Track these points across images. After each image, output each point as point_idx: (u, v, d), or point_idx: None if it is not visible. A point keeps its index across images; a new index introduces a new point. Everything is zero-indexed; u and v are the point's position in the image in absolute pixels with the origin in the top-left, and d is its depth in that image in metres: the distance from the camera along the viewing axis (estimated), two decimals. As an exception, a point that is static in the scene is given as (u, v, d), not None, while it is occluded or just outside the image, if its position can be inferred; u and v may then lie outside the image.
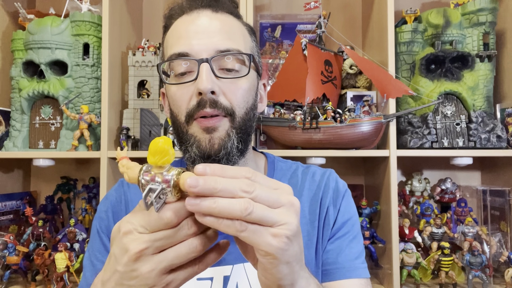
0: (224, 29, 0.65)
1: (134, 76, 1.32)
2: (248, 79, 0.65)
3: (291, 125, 1.23)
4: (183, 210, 0.37)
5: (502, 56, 1.35)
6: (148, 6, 1.61)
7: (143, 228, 0.38)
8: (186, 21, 0.66)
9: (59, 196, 1.49)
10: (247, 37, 0.69)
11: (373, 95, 1.33)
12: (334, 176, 0.76)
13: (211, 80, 0.60)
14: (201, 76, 0.60)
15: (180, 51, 0.63)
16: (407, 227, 1.27)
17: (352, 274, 0.66)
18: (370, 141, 1.22)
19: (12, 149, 1.27)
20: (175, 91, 0.64)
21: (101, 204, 0.75)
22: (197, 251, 0.39)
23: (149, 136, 1.27)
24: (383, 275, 1.27)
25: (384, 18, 1.26)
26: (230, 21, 0.67)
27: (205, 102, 0.60)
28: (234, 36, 0.66)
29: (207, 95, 0.60)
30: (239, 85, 0.64)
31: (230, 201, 0.35)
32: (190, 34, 0.64)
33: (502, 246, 1.28)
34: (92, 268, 0.69)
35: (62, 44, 1.27)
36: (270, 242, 0.36)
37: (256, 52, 0.72)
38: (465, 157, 1.25)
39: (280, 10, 1.60)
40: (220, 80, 0.62)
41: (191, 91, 0.62)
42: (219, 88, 0.61)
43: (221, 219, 0.35)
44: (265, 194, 0.37)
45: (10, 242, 1.22)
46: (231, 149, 0.62)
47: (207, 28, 0.64)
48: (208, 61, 0.61)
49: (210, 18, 0.65)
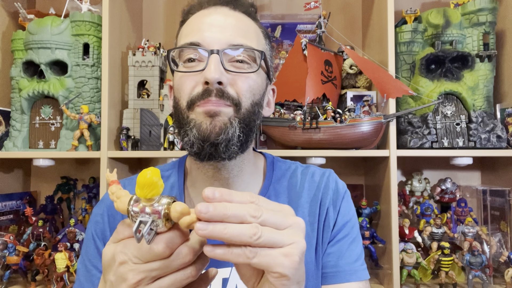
0: (239, 26, 0.65)
1: (134, 76, 1.32)
2: (257, 75, 0.65)
3: (291, 125, 1.23)
4: (176, 240, 0.38)
5: (502, 56, 1.35)
6: (148, 6, 1.61)
7: (137, 259, 0.38)
8: (203, 15, 0.66)
9: (59, 196, 1.49)
10: (261, 39, 0.69)
11: (373, 95, 1.33)
12: (333, 176, 0.75)
13: (219, 70, 0.59)
14: (210, 66, 0.59)
15: (191, 41, 0.62)
16: (407, 227, 1.27)
17: (352, 277, 0.66)
18: (370, 141, 1.22)
19: (12, 149, 1.27)
20: (181, 78, 0.64)
21: (97, 207, 0.73)
22: (192, 276, 0.40)
23: (149, 136, 1.27)
24: (383, 275, 1.27)
25: (384, 18, 1.26)
26: (245, 20, 0.67)
27: (211, 91, 0.59)
28: (247, 34, 0.65)
29: (214, 85, 0.59)
30: (247, 78, 0.63)
31: (240, 227, 0.35)
32: (204, 26, 0.64)
33: (502, 246, 1.28)
34: (87, 273, 0.68)
35: (62, 44, 1.27)
36: (283, 263, 0.36)
37: (269, 56, 0.71)
38: (465, 157, 1.25)
39: (280, 10, 1.60)
40: (228, 73, 0.61)
41: (197, 79, 0.61)
42: (227, 80, 0.60)
43: (231, 249, 0.36)
44: (271, 217, 0.37)
45: (10, 242, 1.22)
46: (232, 136, 0.60)
47: (221, 23, 0.64)
48: (218, 53, 0.60)
49: (226, 15, 0.65)
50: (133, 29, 1.49)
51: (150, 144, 1.27)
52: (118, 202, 0.39)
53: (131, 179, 0.77)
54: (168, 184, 0.73)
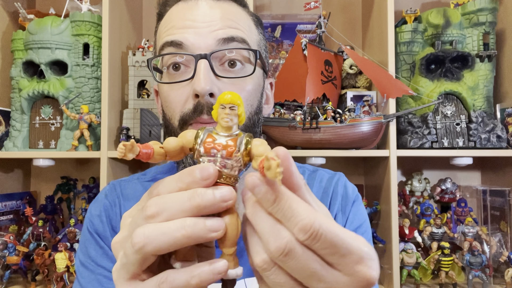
0: (227, 16, 0.57)
1: (134, 76, 1.32)
2: (253, 78, 0.58)
3: (291, 125, 1.23)
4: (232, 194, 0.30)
5: (502, 56, 1.35)
6: (148, 6, 1.61)
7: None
8: (183, 9, 0.58)
9: (59, 196, 1.49)
10: (253, 29, 0.62)
11: (373, 95, 1.33)
12: (342, 181, 0.72)
13: (210, 80, 0.52)
14: (198, 75, 0.52)
15: (172, 39, 0.55)
16: (407, 227, 1.27)
17: None
18: (370, 141, 1.22)
19: (12, 149, 1.27)
20: (168, 91, 0.57)
21: (93, 207, 0.69)
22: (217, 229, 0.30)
23: (149, 136, 1.27)
24: (383, 275, 1.27)
25: (384, 18, 1.26)
26: (233, 9, 0.60)
27: (202, 107, 0.53)
28: (238, 25, 0.57)
29: (205, 97, 0.53)
30: (242, 86, 0.57)
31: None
32: (186, 22, 0.56)
33: (502, 246, 1.28)
34: (91, 275, 0.63)
35: (62, 44, 1.27)
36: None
37: (264, 46, 0.65)
38: (465, 157, 1.25)
39: (280, 10, 1.60)
40: (220, 79, 0.55)
41: (186, 92, 0.55)
42: (219, 90, 0.53)
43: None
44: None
45: (10, 242, 1.22)
46: None
47: (206, 17, 0.56)
48: (207, 57, 0.53)
49: (211, 6, 0.57)
50: (133, 29, 1.49)
51: (150, 144, 1.27)
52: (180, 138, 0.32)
53: (125, 181, 0.73)
54: None
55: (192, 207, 0.29)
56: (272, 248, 0.27)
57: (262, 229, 0.29)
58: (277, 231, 0.28)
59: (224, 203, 0.29)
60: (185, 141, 0.32)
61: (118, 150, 0.30)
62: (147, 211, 0.30)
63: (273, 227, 0.28)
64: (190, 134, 0.32)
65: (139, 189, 0.71)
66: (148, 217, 0.30)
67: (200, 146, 0.31)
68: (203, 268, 0.29)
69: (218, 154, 0.30)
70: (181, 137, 0.32)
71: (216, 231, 0.29)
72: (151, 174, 0.74)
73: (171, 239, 0.28)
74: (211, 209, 0.29)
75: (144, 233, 0.29)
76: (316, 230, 0.27)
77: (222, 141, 0.30)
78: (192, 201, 0.29)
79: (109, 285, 0.63)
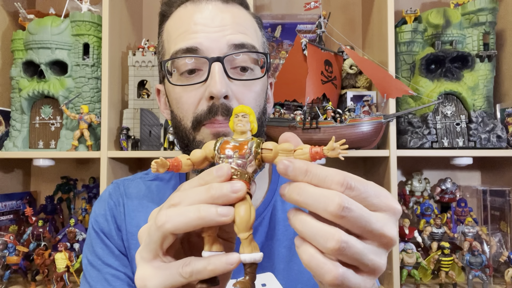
0: (237, 21, 0.59)
1: (134, 76, 1.32)
2: (261, 79, 0.61)
3: (291, 125, 1.23)
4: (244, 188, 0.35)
5: (502, 56, 1.35)
6: (148, 6, 1.61)
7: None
8: (193, 11, 0.59)
9: (59, 196, 1.49)
10: (258, 32, 0.64)
11: (373, 95, 1.33)
12: None
13: (225, 82, 0.54)
14: (214, 78, 0.54)
15: (188, 46, 0.56)
16: (407, 227, 1.27)
17: None
18: (370, 141, 1.22)
19: (12, 149, 1.27)
20: (180, 92, 0.58)
21: (98, 207, 0.70)
22: (224, 216, 0.34)
23: (149, 136, 1.27)
24: (383, 275, 1.27)
25: (384, 18, 1.26)
26: (241, 13, 0.61)
27: (217, 109, 0.55)
28: (247, 30, 0.60)
29: (220, 100, 0.54)
30: (252, 88, 0.59)
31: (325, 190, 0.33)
32: (198, 27, 0.57)
33: (502, 246, 1.28)
34: (98, 274, 0.64)
35: (62, 44, 1.27)
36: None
37: (267, 47, 0.67)
38: (465, 157, 1.25)
39: (280, 10, 1.60)
40: (232, 82, 0.57)
41: (200, 94, 0.57)
42: (232, 92, 0.56)
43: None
44: (364, 188, 0.36)
45: (10, 242, 1.22)
46: None
47: (218, 21, 0.57)
48: (220, 60, 0.55)
49: (221, 10, 0.59)
50: (133, 29, 1.49)
51: (150, 144, 1.27)
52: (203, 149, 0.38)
53: (128, 180, 0.74)
54: (169, 187, 0.71)
55: (207, 197, 0.34)
56: (331, 208, 0.31)
57: (312, 202, 0.32)
58: (325, 197, 0.32)
59: (235, 194, 0.33)
60: (207, 150, 0.38)
61: (151, 166, 0.36)
62: (171, 200, 0.36)
63: (321, 197, 0.32)
64: (211, 145, 0.38)
65: (142, 188, 0.71)
66: (171, 205, 0.35)
67: (217, 151, 0.37)
68: (219, 258, 0.34)
69: (233, 154, 0.36)
70: (204, 148, 0.38)
71: (226, 216, 0.33)
72: (153, 173, 0.74)
73: (186, 219, 0.33)
74: (224, 199, 0.34)
75: (166, 214, 0.34)
76: (348, 182, 0.33)
77: (236, 144, 0.36)
78: (208, 192, 0.34)
79: (116, 283, 0.64)
